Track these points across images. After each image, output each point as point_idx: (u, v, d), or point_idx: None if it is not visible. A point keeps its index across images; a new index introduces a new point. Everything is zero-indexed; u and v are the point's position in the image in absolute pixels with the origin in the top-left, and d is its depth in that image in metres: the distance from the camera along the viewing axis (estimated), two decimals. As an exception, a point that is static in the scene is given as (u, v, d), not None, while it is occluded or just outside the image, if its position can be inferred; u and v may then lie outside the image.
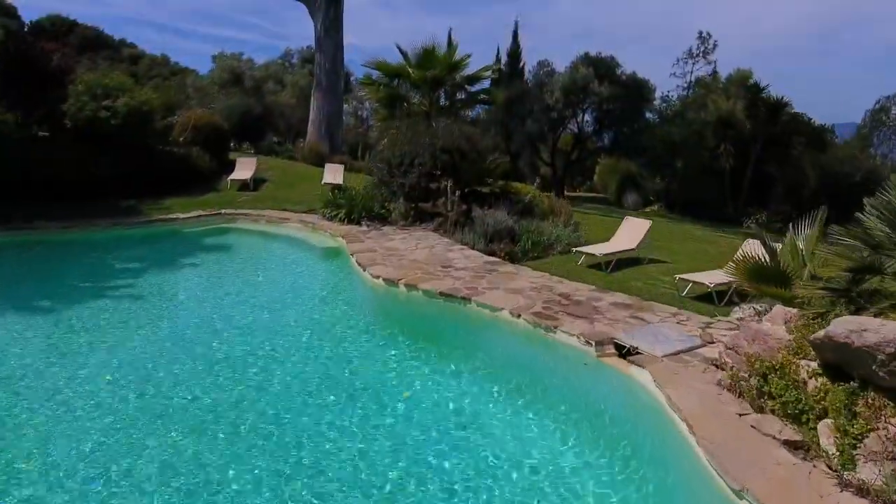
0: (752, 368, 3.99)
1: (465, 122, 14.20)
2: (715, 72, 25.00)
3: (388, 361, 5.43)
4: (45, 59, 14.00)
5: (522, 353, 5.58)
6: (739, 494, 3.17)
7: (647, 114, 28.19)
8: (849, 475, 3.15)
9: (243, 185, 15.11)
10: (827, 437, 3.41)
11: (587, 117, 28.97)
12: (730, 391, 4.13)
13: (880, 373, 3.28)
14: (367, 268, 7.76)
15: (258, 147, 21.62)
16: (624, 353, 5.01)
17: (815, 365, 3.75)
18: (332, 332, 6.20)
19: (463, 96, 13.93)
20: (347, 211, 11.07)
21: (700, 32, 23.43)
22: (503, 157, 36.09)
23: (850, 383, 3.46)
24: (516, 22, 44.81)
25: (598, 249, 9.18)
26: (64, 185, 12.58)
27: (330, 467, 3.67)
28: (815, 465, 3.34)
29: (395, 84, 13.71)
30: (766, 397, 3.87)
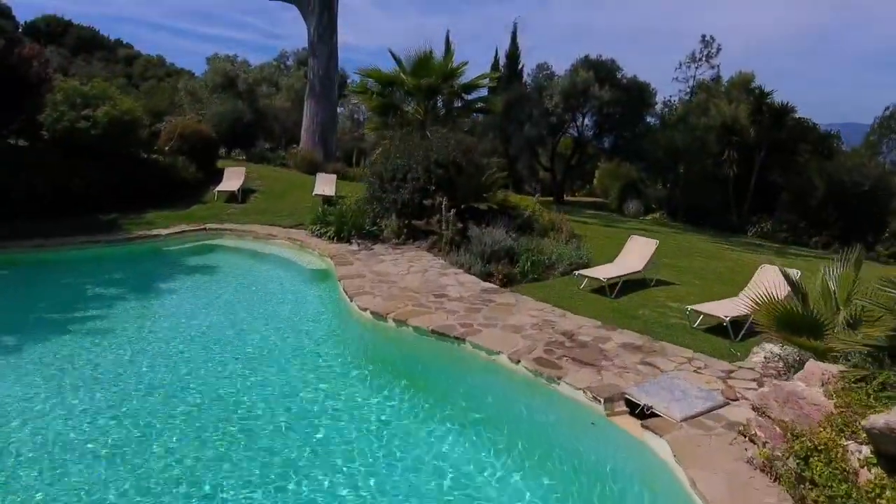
0: (790, 448, 3.43)
1: (461, 130, 13.61)
2: (718, 76, 24.45)
3: (369, 415, 4.86)
4: (24, 67, 13.39)
5: (522, 407, 5.00)
6: None
7: (649, 118, 27.66)
8: None
9: (231, 197, 14.54)
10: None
11: (587, 121, 28.46)
12: (763, 472, 3.57)
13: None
14: (354, 298, 7.19)
15: (250, 154, 21.05)
16: (637, 412, 4.44)
17: (867, 451, 3.19)
18: (310, 380, 5.62)
19: (460, 104, 13.35)
20: (337, 229, 10.50)
21: (703, 36, 22.94)
22: (501, 160, 35.64)
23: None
24: (515, 23, 44.37)
25: (602, 273, 8.62)
26: (40, 199, 12.01)
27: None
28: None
29: (388, 92, 13.12)
30: (807, 484, 3.31)
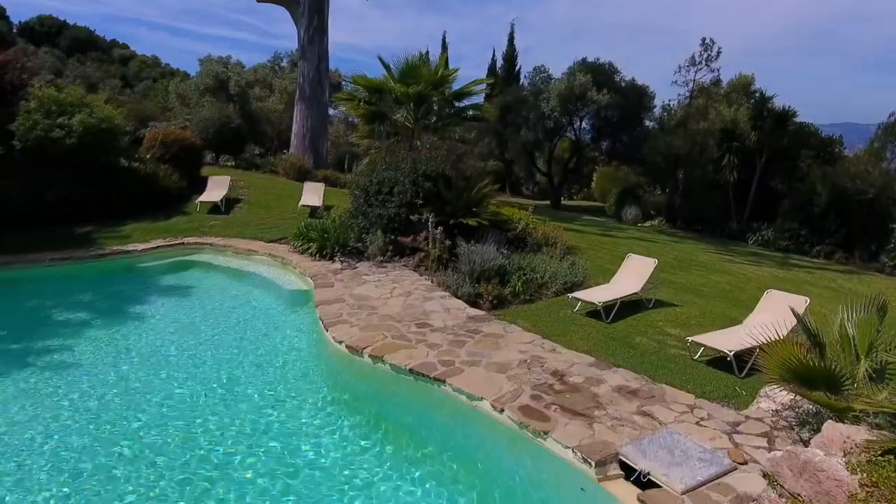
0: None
1: (454, 138, 13.10)
2: (718, 79, 23.97)
3: (334, 472, 4.36)
4: (-3, 73, 12.88)
5: (505, 465, 4.50)
6: None
7: (648, 122, 27.18)
8: None
9: (214, 208, 14.03)
10: None
11: (585, 125, 27.99)
12: (778, 567, 3.07)
13: None
14: (330, 328, 6.68)
15: (238, 160, 20.53)
16: (633, 477, 3.94)
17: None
18: (272, 428, 5.11)
19: (451, 112, 12.83)
20: (319, 246, 9.98)
21: (703, 39, 22.44)
22: (498, 163, 35.15)
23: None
24: (512, 25, 43.98)
25: (597, 296, 8.11)
26: (12, 212, 11.51)
27: None
28: None
29: (376, 100, 12.60)
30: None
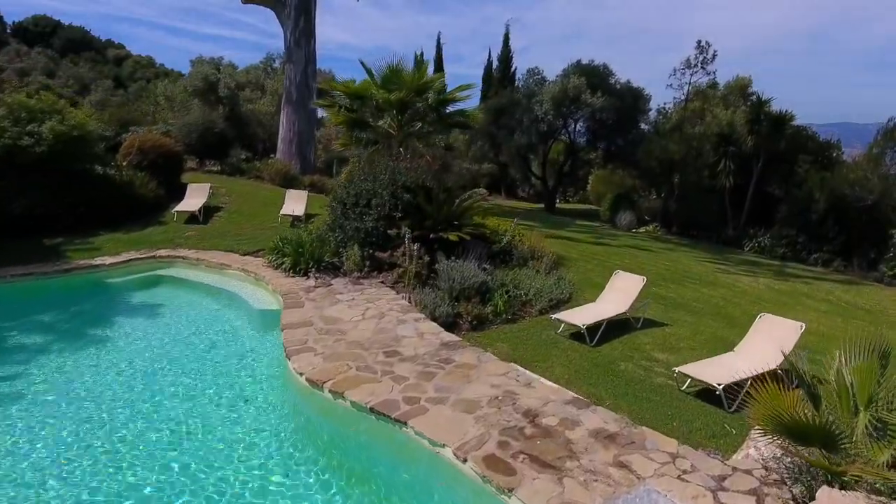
0: None
1: (438, 146, 12.65)
2: (714, 82, 23.53)
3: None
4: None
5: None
6: None
7: (643, 125, 26.76)
8: None
9: (192, 217, 13.57)
10: None
11: (579, 127, 27.57)
12: None
13: None
14: (292, 357, 6.23)
15: (224, 165, 20.04)
16: (603, 548, 3.50)
17: None
18: (219, 473, 4.67)
19: (436, 118, 12.37)
20: (293, 261, 9.53)
21: (699, 41, 22.00)
22: (492, 166, 34.67)
23: None
24: (507, 26, 43.54)
25: (581, 317, 7.68)
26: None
27: None
28: None
29: (358, 106, 12.14)
30: None
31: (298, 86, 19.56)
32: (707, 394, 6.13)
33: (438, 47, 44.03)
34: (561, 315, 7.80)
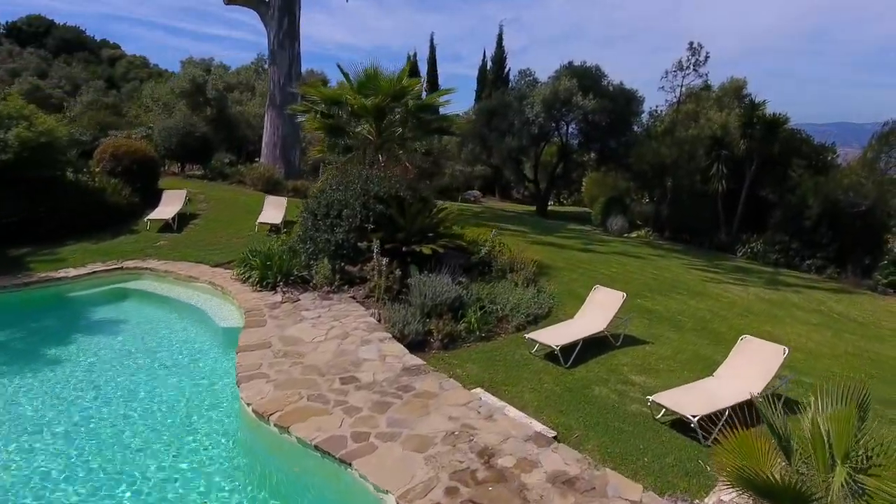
0: None
1: (419, 152, 12.28)
2: (707, 85, 23.16)
3: None
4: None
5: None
6: None
7: (636, 128, 26.39)
8: None
9: (166, 225, 13.18)
10: None
11: (572, 129, 27.21)
12: None
13: None
14: (243, 385, 5.86)
15: (207, 169, 19.65)
16: None
17: None
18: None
19: (416, 123, 11.99)
20: (261, 275, 9.15)
21: (691, 43, 21.63)
22: (485, 168, 34.25)
23: None
24: (501, 26, 43.18)
25: (555, 338, 7.30)
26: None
27: None
28: None
29: (336, 112, 11.76)
30: None
31: (283, 88, 19.17)
32: (683, 424, 5.76)
33: (432, 47, 43.67)
34: (534, 335, 7.43)
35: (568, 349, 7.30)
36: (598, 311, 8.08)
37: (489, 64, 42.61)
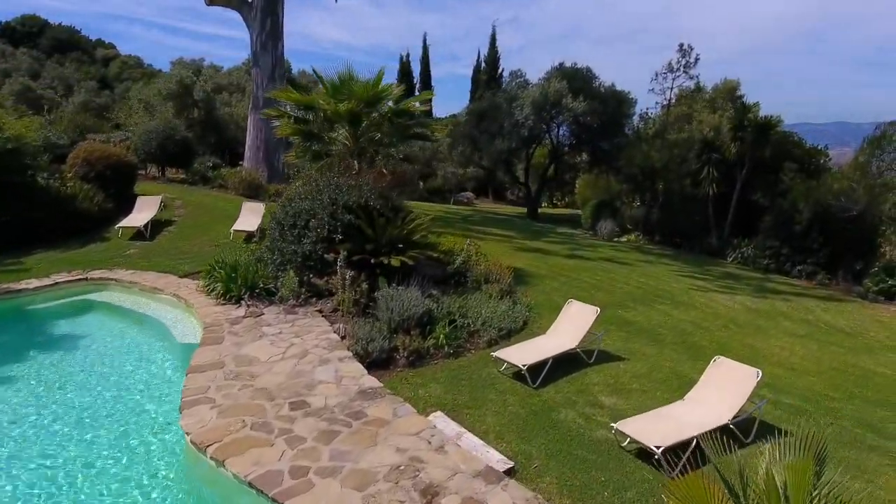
0: None
1: (397, 158, 11.97)
2: (698, 86, 22.86)
3: None
4: None
5: None
6: None
7: (628, 130, 26.11)
8: None
9: (139, 232, 12.86)
10: None
11: (563, 131, 26.94)
12: None
13: None
14: (185, 411, 5.55)
15: (189, 172, 19.33)
16: None
17: None
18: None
19: (392, 129, 11.66)
20: (225, 287, 8.83)
21: (681, 45, 21.33)
22: (476, 170, 33.95)
23: None
24: (493, 27, 42.89)
25: (523, 356, 6.99)
26: None
27: None
28: None
29: (311, 117, 11.45)
30: None
31: (266, 91, 18.83)
32: (650, 453, 5.47)
33: (425, 47, 43.49)
34: (501, 353, 7.13)
35: (536, 368, 7.00)
36: (571, 326, 7.78)
37: (483, 65, 42.37)
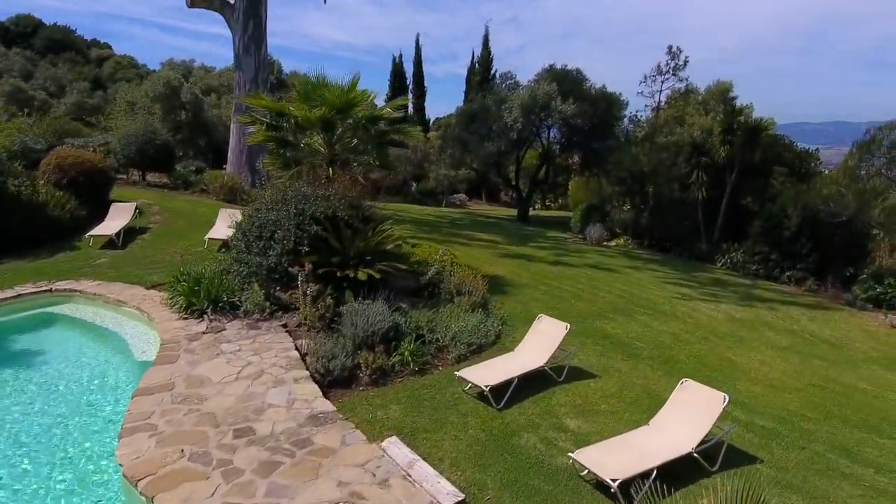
0: None
1: (373, 166, 11.72)
2: (688, 89, 22.61)
3: None
4: None
5: None
6: None
7: (619, 132, 25.86)
8: None
9: (111, 241, 12.59)
10: None
11: (554, 133, 26.70)
12: None
13: None
14: (123, 440, 5.30)
15: (170, 177, 19.05)
16: None
17: None
18: None
19: (367, 136, 11.40)
20: (187, 301, 8.57)
21: (669, 47, 21.09)
22: (468, 172, 33.69)
23: None
24: (486, 27, 42.63)
25: (486, 376, 6.75)
26: None
27: None
28: None
29: (281, 124, 11.20)
30: None
31: (248, 94, 18.55)
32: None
33: (417, 48, 43.27)
34: (464, 373, 6.88)
35: (501, 388, 6.76)
36: (540, 343, 7.53)
37: (476, 66, 42.13)
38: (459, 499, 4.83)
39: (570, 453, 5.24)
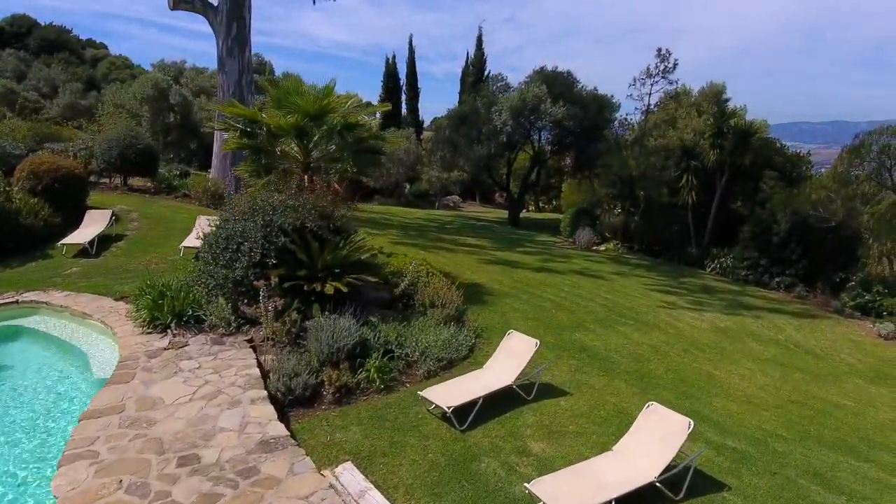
0: None
1: (350, 172, 11.49)
2: (679, 91, 22.40)
3: None
4: None
5: None
6: None
7: (609, 135, 25.64)
8: None
9: (84, 249, 12.36)
10: None
11: (545, 136, 26.50)
12: None
13: None
14: (62, 468, 5.08)
15: (154, 181, 18.80)
16: None
17: None
18: None
19: (342, 142, 11.18)
20: (150, 314, 8.35)
21: (659, 50, 20.87)
22: (460, 174, 33.48)
23: None
24: (480, 28, 42.38)
25: (449, 396, 6.53)
26: None
27: None
28: None
29: (255, 131, 10.98)
30: None
31: (232, 98, 18.31)
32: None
33: (411, 48, 43.01)
34: (427, 393, 6.66)
35: (466, 408, 6.55)
36: (509, 360, 7.32)
37: (471, 67, 41.88)
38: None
39: (527, 483, 5.02)
